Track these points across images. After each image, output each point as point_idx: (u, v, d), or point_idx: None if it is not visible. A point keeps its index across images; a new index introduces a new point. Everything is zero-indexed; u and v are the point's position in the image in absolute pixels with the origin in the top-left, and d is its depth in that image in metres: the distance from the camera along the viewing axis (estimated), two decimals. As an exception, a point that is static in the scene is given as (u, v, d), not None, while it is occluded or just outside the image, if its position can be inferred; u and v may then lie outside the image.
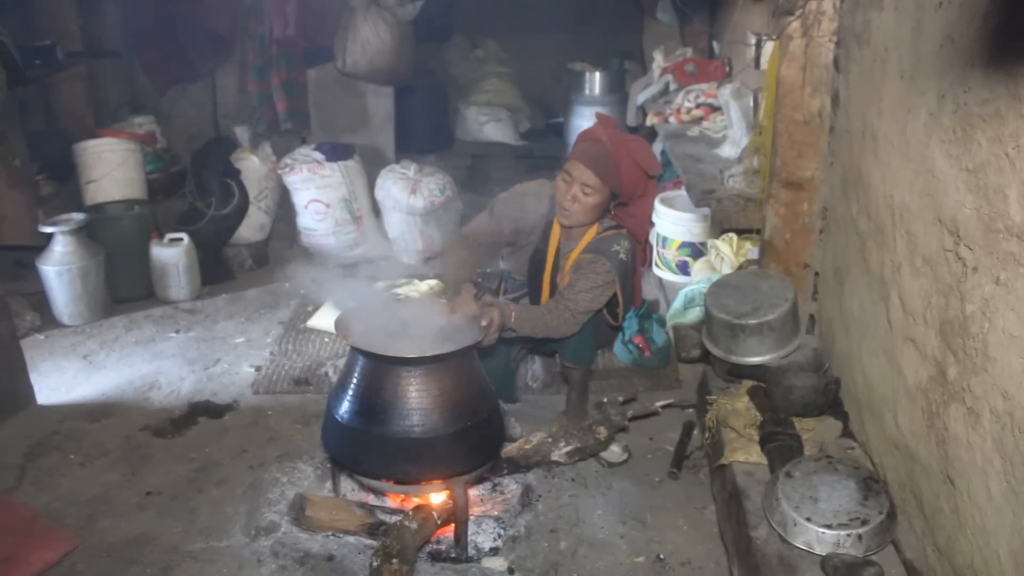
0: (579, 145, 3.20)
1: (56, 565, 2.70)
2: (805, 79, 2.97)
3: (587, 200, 3.14)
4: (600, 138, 3.17)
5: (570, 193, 3.14)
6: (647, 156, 3.26)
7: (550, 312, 3.10)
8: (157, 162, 5.27)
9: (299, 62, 5.79)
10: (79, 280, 4.39)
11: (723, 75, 5.06)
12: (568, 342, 3.25)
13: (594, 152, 3.13)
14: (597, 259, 3.14)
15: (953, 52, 1.94)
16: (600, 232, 3.26)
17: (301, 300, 4.76)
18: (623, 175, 3.15)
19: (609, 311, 3.34)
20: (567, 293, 3.13)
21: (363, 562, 2.65)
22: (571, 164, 3.15)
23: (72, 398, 3.78)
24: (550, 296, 3.33)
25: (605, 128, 3.23)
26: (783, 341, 2.87)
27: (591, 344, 3.35)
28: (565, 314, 3.09)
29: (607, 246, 3.18)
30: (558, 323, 3.10)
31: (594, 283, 3.12)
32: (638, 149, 3.24)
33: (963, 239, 1.88)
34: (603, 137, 3.17)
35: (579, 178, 3.12)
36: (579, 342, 3.27)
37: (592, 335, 3.31)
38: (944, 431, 1.98)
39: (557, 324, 3.10)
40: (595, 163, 3.10)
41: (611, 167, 3.12)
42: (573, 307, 3.10)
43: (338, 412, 2.71)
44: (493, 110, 7.24)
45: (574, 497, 3.00)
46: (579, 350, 3.31)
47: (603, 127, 3.23)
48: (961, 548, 1.90)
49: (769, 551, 2.23)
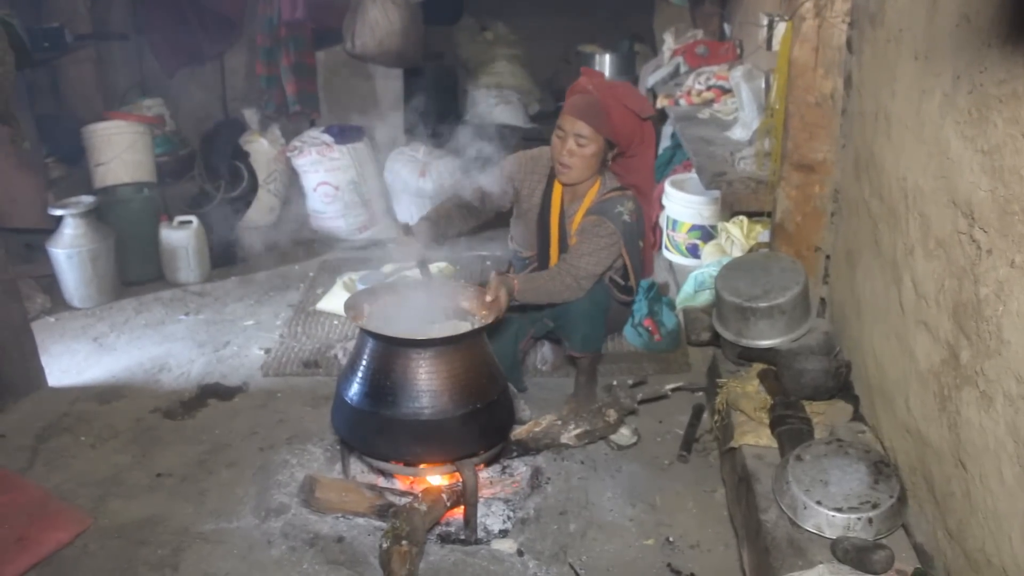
0: (568, 100, 3.21)
1: (68, 545, 2.72)
2: (818, 60, 2.94)
3: (583, 151, 3.12)
4: (586, 88, 3.19)
5: (565, 148, 3.13)
6: (636, 98, 3.26)
7: (553, 278, 3.08)
8: (166, 145, 5.27)
9: (308, 44, 5.76)
10: (89, 263, 4.40)
11: (734, 57, 5.03)
12: (576, 331, 3.24)
13: (582, 102, 3.13)
14: (600, 220, 3.13)
15: (969, 32, 1.92)
16: (603, 193, 3.23)
17: (310, 283, 4.77)
18: (615, 120, 3.14)
19: (620, 286, 3.32)
20: (569, 258, 3.12)
21: (372, 544, 2.66)
22: (562, 119, 3.16)
23: (83, 380, 3.80)
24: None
25: (591, 78, 3.23)
26: (794, 324, 2.85)
27: (598, 332, 3.32)
28: (567, 279, 3.08)
29: (611, 207, 3.16)
30: (561, 289, 3.09)
31: (597, 245, 3.10)
32: (626, 93, 3.25)
33: (977, 221, 1.86)
34: (589, 87, 3.18)
35: (571, 130, 3.11)
36: (587, 331, 3.25)
37: (600, 323, 3.29)
38: (956, 415, 1.96)
39: (560, 290, 3.09)
40: (584, 112, 3.10)
41: (601, 114, 3.11)
42: (576, 272, 3.08)
43: (348, 394, 2.71)
44: (502, 92, 7.21)
45: (583, 480, 3.00)
46: (587, 339, 3.28)
47: (588, 78, 3.24)
48: (972, 532, 1.90)
49: (779, 534, 2.23)
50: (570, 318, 3.21)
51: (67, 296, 4.48)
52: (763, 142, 3.54)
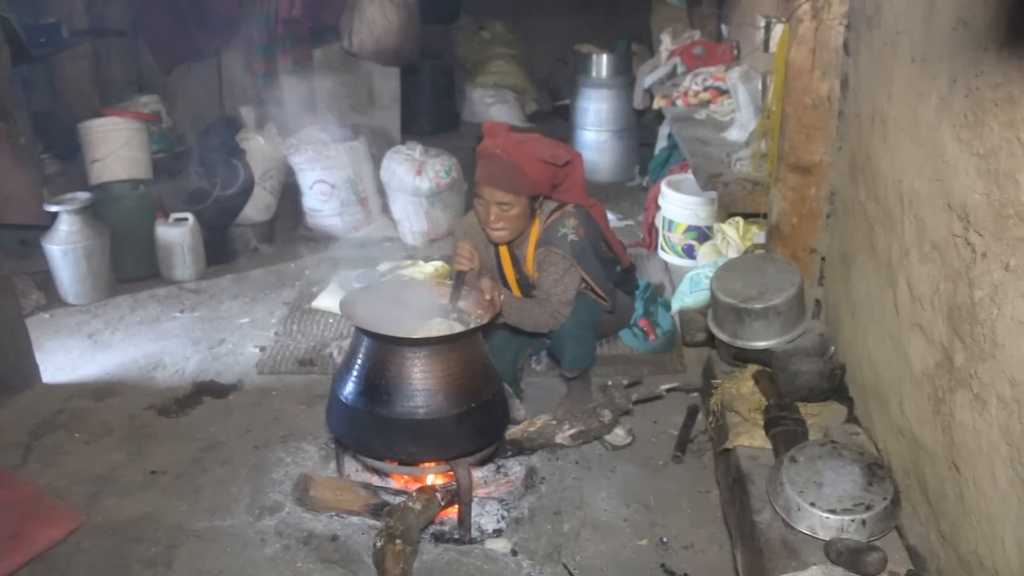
0: (479, 166, 3.09)
1: (62, 542, 2.72)
2: (815, 62, 2.95)
3: (509, 215, 3.06)
4: (494, 152, 3.04)
5: (491, 215, 3.06)
6: (548, 150, 3.10)
7: (536, 306, 3.10)
8: (162, 142, 5.26)
9: (305, 42, 5.77)
10: (84, 259, 4.39)
11: (731, 58, 5.04)
12: (566, 352, 3.21)
13: (496, 169, 3.02)
14: (548, 251, 3.10)
15: (966, 35, 1.92)
16: (544, 222, 3.17)
17: (306, 281, 4.76)
18: (531, 178, 3.03)
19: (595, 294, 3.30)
20: (539, 293, 3.13)
21: (367, 542, 2.66)
22: (479, 188, 3.06)
23: (77, 377, 3.79)
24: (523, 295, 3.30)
25: (495, 139, 3.08)
26: (789, 326, 2.86)
27: (586, 349, 3.26)
28: (549, 309, 3.09)
29: (553, 233, 3.11)
30: (544, 319, 3.11)
31: (556, 275, 3.09)
32: (536, 146, 3.10)
33: (973, 224, 1.87)
34: (496, 150, 3.04)
35: (492, 199, 3.04)
36: (575, 351, 3.21)
37: (588, 341, 3.25)
38: (950, 417, 1.97)
39: (543, 320, 3.11)
40: (499, 180, 3.01)
41: (516, 176, 3.01)
42: (553, 305, 3.09)
43: (342, 393, 2.71)
44: (499, 92, 7.22)
45: (578, 480, 3.01)
46: (576, 358, 3.23)
47: (492, 140, 3.09)
48: (965, 534, 1.90)
49: (773, 536, 2.23)
50: (559, 339, 3.19)
51: (62, 292, 4.47)
52: (759, 143, 3.55)
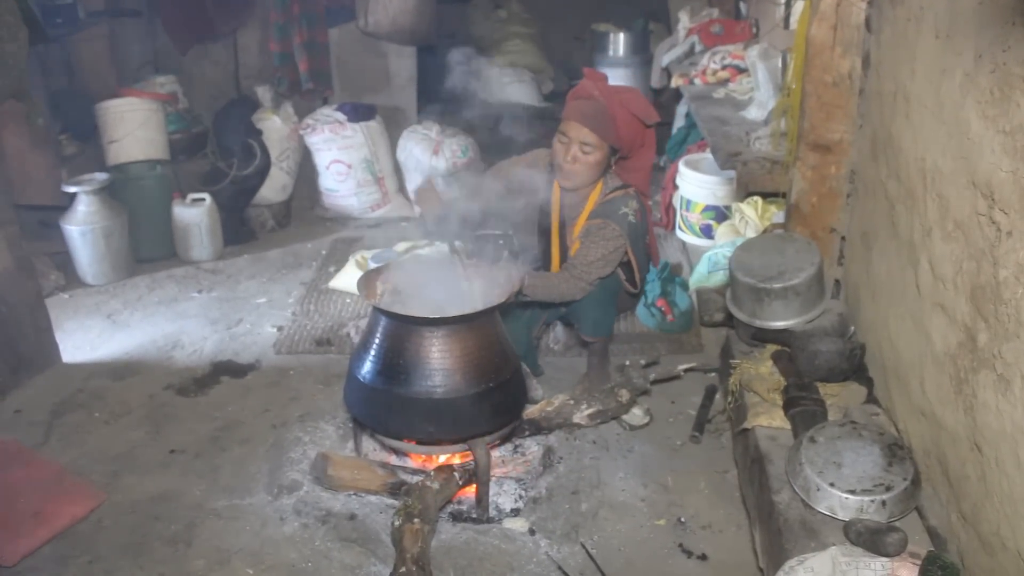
0: (572, 104, 3.11)
1: (83, 520, 2.74)
2: (836, 39, 2.90)
3: (587, 159, 3.06)
4: (592, 94, 3.07)
5: (569, 154, 3.06)
6: (642, 105, 3.15)
7: (564, 281, 3.07)
8: (179, 122, 5.26)
9: (321, 21, 5.75)
10: (102, 240, 4.41)
11: (750, 36, 4.99)
12: (587, 316, 3.22)
13: (588, 109, 3.04)
14: (606, 224, 3.07)
15: (993, 10, 1.88)
16: (605, 193, 3.17)
17: (323, 261, 4.77)
18: (620, 128, 3.06)
19: (627, 278, 3.30)
20: (577, 262, 3.08)
21: (384, 521, 2.67)
22: (566, 124, 3.07)
23: (96, 357, 3.82)
24: (560, 264, 3.30)
25: (595, 83, 3.12)
26: (808, 306, 2.84)
27: (609, 316, 3.30)
28: (577, 283, 3.07)
29: (615, 208, 3.10)
30: (571, 291, 3.08)
31: (605, 249, 3.06)
32: (632, 99, 3.13)
33: (997, 203, 1.84)
34: (595, 92, 3.07)
35: (576, 137, 3.04)
36: (597, 316, 3.23)
37: (611, 307, 3.28)
38: (973, 398, 1.95)
39: (570, 291, 3.08)
40: (591, 120, 3.02)
41: (607, 122, 3.03)
42: (586, 276, 3.06)
43: (360, 372, 2.72)
44: (516, 71, 7.18)
45: (595, 459, 3.01)
46: (598, 324, 3.26)
47: (593, 82, 3.12)
48: (987, 515, 1.89)
49: (791, 516, 2.23)
50: (581, 303, 3.18)
51: (81, 273, 4.50)
52: (779, 122, 3.52)
